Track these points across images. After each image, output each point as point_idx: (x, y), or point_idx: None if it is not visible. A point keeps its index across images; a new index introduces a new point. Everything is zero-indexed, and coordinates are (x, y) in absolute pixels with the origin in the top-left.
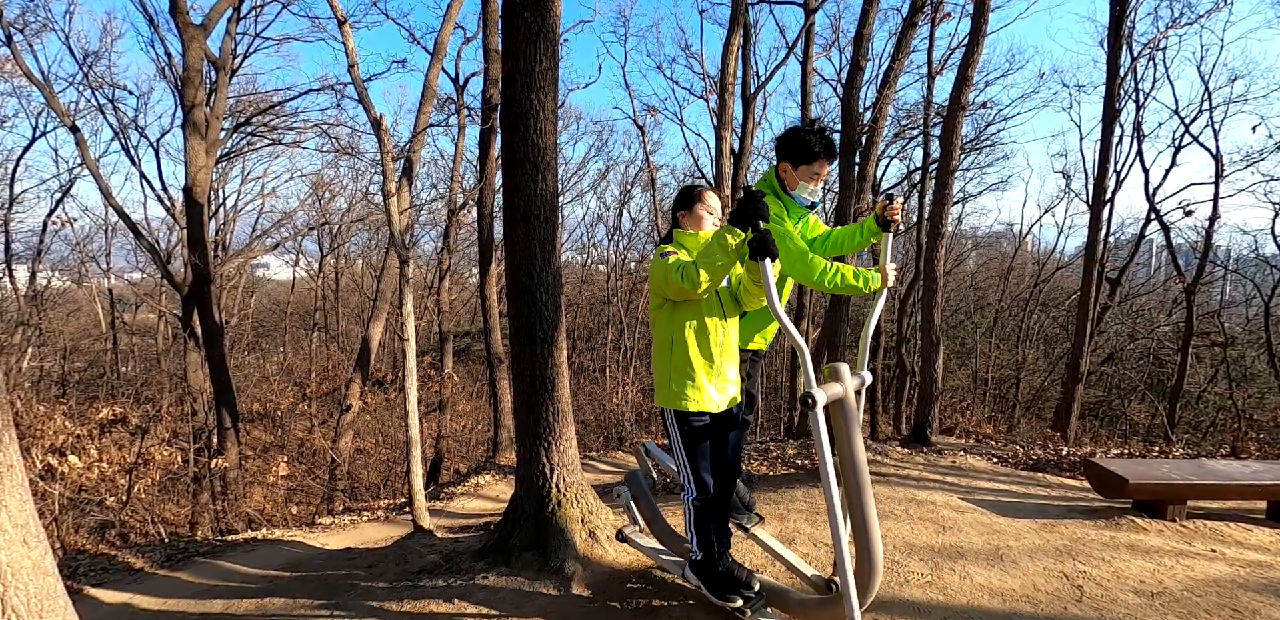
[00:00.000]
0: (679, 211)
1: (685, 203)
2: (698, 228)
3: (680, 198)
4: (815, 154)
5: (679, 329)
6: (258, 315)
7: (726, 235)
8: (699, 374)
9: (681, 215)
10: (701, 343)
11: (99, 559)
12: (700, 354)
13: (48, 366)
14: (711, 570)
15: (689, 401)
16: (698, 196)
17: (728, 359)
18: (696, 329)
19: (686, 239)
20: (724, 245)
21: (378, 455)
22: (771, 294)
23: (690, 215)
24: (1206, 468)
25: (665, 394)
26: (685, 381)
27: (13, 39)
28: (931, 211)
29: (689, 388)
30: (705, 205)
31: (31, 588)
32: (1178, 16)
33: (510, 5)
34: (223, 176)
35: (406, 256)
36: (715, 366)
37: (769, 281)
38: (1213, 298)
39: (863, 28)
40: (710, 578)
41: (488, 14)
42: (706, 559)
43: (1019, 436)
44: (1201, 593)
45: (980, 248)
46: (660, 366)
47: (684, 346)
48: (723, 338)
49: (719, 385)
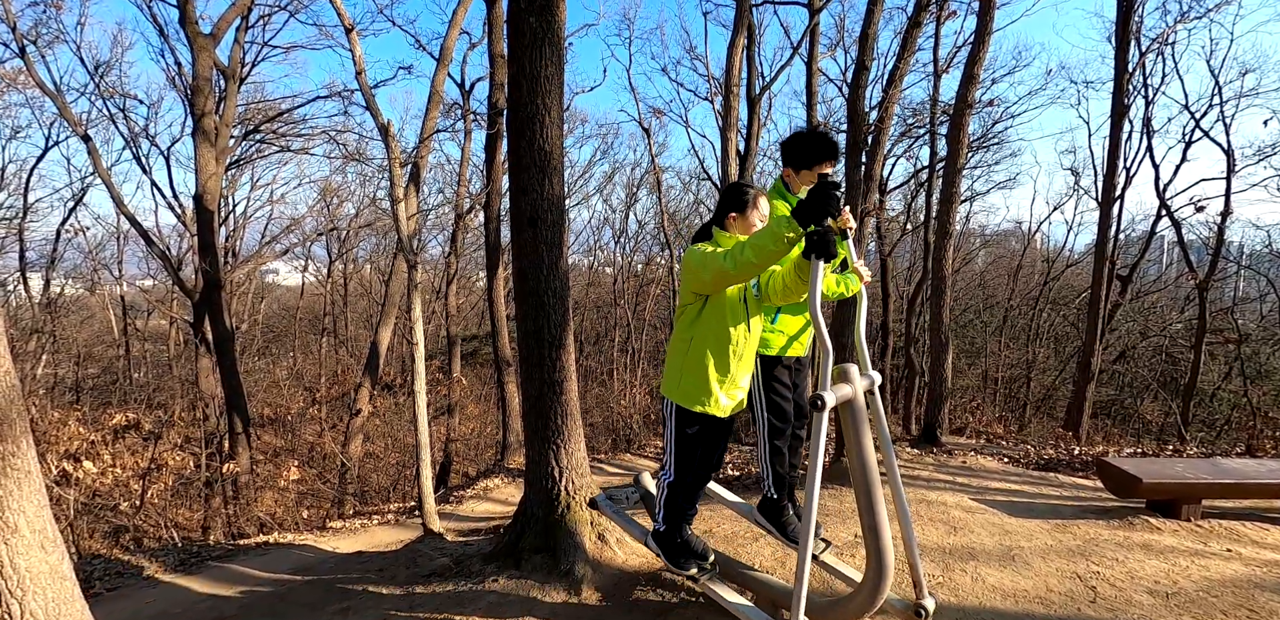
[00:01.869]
0: (729, 211)
1: (738, 205)
2: (746, 233)
3: (731, 197)
4: (816, 157)
5: (700, 333)
6: (268, 321)
7: (785, 227)
8: (711, 380)
9: (732, 217)
10: (719, 350)
11: (114, 563)
12: (716, 361)
13: (62, 373)
14: (670, 541)
15: (696, 404)
16: (753, 200)
17: (743, 368)
18: (718, 335)
19: (726, 241)
20: (778, 235)
21: (387, 459)
22: (815, 293)
23: (743, 219)
24: (1221, 466)
25: (674, 389)
26: (696, 383)
27: (26, 50)
28: (939, 210)
29: (698, 391)
30: (758, 211)
31: (49, 592)
32: (1186, 10)
33: (515, 10)
34: (232, 184)
35: (414, 261)
36: (730, 375)
37: (816, 282)
38: (1226, 294)
39: (868, 27)
40: (669, 547)
41: (493, 19)
42: (669, 532)
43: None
44: (1217, 593)
45: (989, 246)
46: (674, 361)
47: (702, 351)
48: (743, 347)
49: (729, 392)
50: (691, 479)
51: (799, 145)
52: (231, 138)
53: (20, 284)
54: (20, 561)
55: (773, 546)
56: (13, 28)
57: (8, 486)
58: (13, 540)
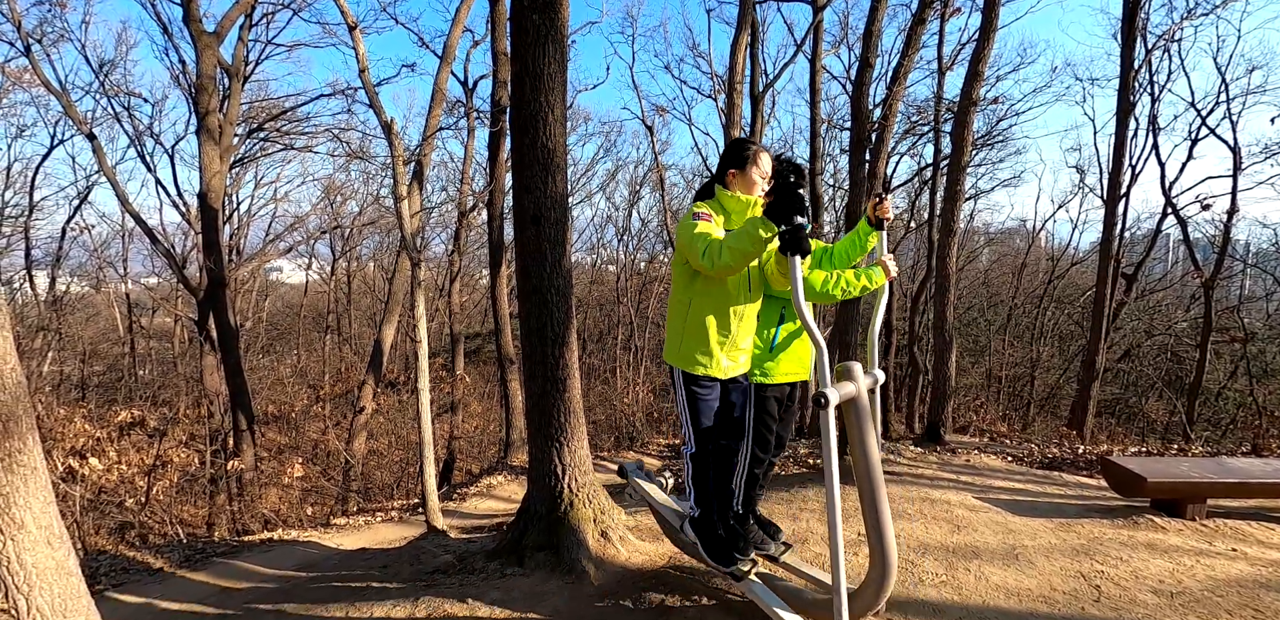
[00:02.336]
0: (729, 168)
1: (738, 161)
2: (747, 191)
3: (732, 153)
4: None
5: (698, 293)
6: (272, 318)
7: (760, 227)
8: (712, 342)
9: (732, 174)
10: (720, 311)
11: (119, 559)
12: (716, 321)
13: (68, 370)
14: (711, 530)
15: (698, 366)
16: (753, 157)
17: (744, 330)
18: (717, 301)
19: (729, 201)
20: (755, 237)
21: (391, 456)
22: (798, 290)
23: (742, 176)
24: (1227, 466)
25: (675, 354)
26: (697, 346)
27: (31, 49)
28: (943, 208)
29: (699, 353)
30: (759, 168)
31: (56, 588)
32: (1193, 7)
33: (518, 8)
34: (236, 182)
35: (418, 259)
36: (730, 336)
37: (797, 277)
38: (1232, 292)
39: (872, 24)
40: (709, 538)
41: (496, 17)
42: (705, 516)
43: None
44: (1222, 593)
45: (993, 244)
46: (674, 325)
47: (700, 312)
48: (744, 308)
49: (730, 354)
50: (718, 448)
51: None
52: (235, 136)
53: (26, 282)
54: (27, 557)
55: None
56: (18, 26)
57: (14, 483)
58: (19, 536)
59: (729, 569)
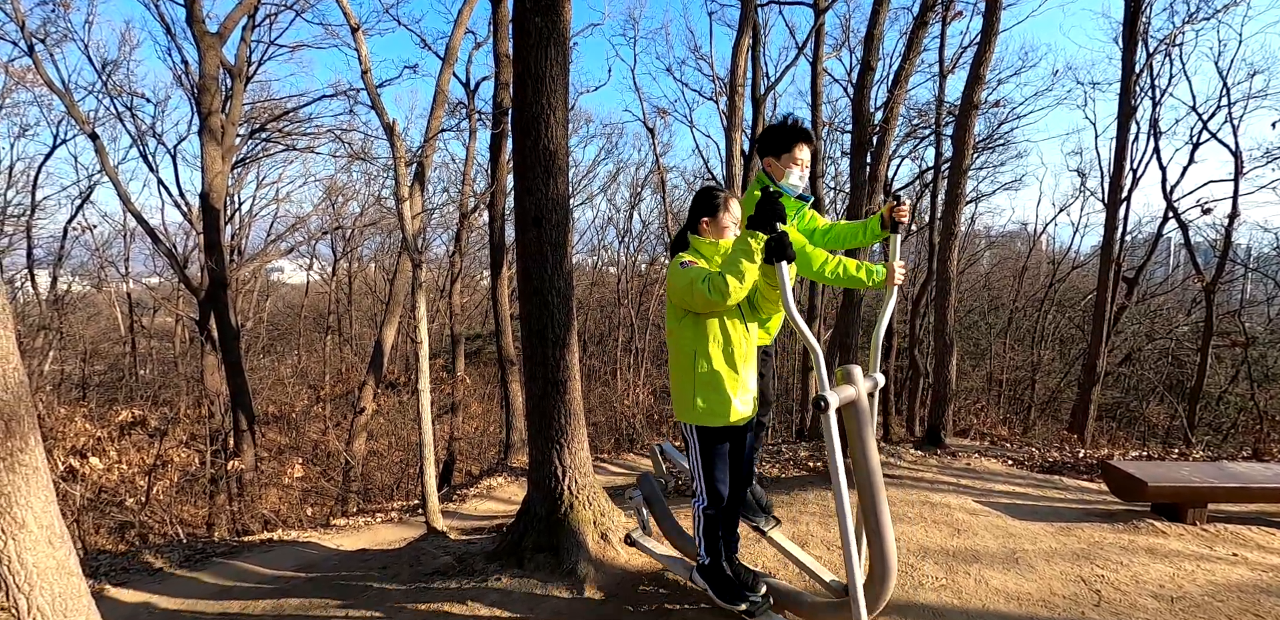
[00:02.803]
0: (701, 217)
1: (709, 209)
2: (719, 237)
3: (702, 202)
4: (787, 139)
5: (703, 343)
6: (273, 319)
7: (749, 240)
8: (726, 388)
9: (705, 222)
10: (727, 356)
11: (119, 559)
12: (727, 367)
13: (69, 370)
14: (719, 574)
15: (717, 417)
16: (723, 204)
17: (749, 369)
18: (722, 342)
19: (705, 248)
20: (748, 250)
21: (391, 457)
22: (788, 296)
23: (714, 224)
24: (1227, 470)
25: (690, 410)
26: (714, 397)
27: (34, 49)
28: (944, 211)
29: (717, 404)
30: (730, 214)
31: (56, 587)
32: (1194, 11)
33: (521, 10)
34: (238, 182)
35: (419, 260)
36: (740, 379)
37: (785, 284)
38: (1233, 297)
39: (873, 27)
40: (717, 581)
41: (498, 19)
42: (714, 564)
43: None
44: (1223, 597)
45: (994, 247)
46: (683, 382)
47: (709, 361)
48: (746, 348)
49: (743, 398)
50: (728, 501)
51: (771, 134)
52: (237, 136)
53: (28, 281)
54: (28, 557)
55: (774, 548)
56: (21, 26)
57: (15, 483)
58: (20, 535)
59: (743, 607)
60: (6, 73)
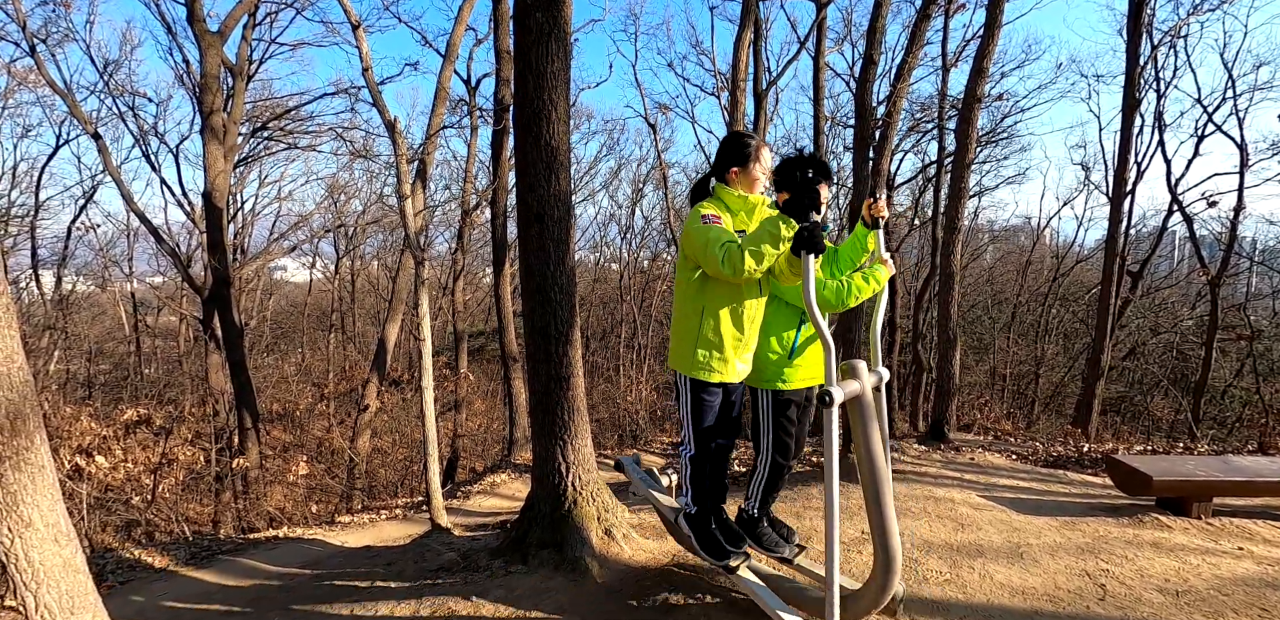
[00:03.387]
0: (731, 166)
1: (739, 157)
2: (750, 189)
3: (731, 150)
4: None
5: (711, 301)
6: (276, 317)
7: (781, 225)
8: (728, 348)
9: (734, 172)
10: (734, 317)
11: (126, 557)
12: (733, 327)
13: (74, 369)
14: (705, 526)
15: (713, 374)
16: (754, 153)
17: (755, 331)
18: (730, 302)
19: (733, 200)
20: (775, 236)
21: (395, 454)
22: (810, 290)
23: (745, 174)
24: (1232, 464)
25: (687, 362)
26: (712, 353)
27: (36, 49)
28: (947, 206)
29: (715, 360)
30: (762, 164)
31: (63, 585)
32: (1199, 3)
33: (521, 6)
34: (240, 181)
35: (421, 257)
36: (744, 340)
37: (809, 276)
38: (1238, 290)
39: (876, 21)
40: (703, 533)
41: (499, 15)
42: (700, 513)
43: (1039, 433)
44: (1228, 591)
45: (997, 242)
46: (684, 335)
47: (715, 319)
48: (755, 311)
49: (743, 357)
50: (715, 448)
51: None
52: (240, 135)
53: (33, 281)
54: (35, 555)
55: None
56: (23, 26)
57: (22, 481)
58: (27, 534)
59: (722, 563)
60: (9, 73)
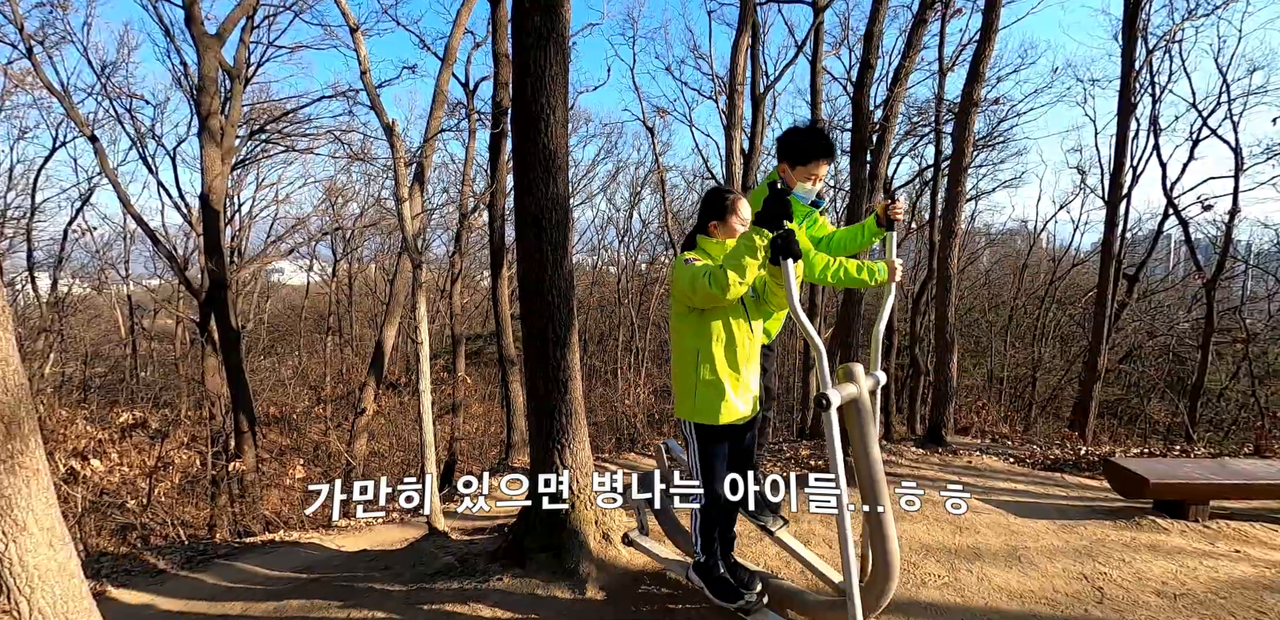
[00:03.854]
0: (709, 220)
1: (717, 212)
2: (729, 238)
3: (711, 204)
4: (811, 155)
5: (706, 342)
6: (273, 320)
7: (754, 236)
8: (727, 388)
9: (713, 225)
10: (729, 355)
11: (121, 561)
12: (729, 367)
13: (69, 372)
14: (714, 572)
15: (718, 415)
16: (731, 206)
17: (752, 368)
18: (725, 341)
19: (712, 247)
20: (751, 247)
21: (392, 458)
22: (793, 294)
23: (723, 226)
24: (1229, 467)
25: (690, 408)
26: (713, 396)
27: (33, 51)
28: (944, 209)
29: (717, 402)
30: (739, 216)
31: (57, 589)
32: (1194, 8)
33: (520, 10)
34: (238, 183)
35: (419, 260)
36: (742, 379)
37: (790, 282)
38: (1234, 293)
39: (873, 25)
40: (712, 580)
41: (497, 19)
42: (709, 562)
43: (1036, 436)
44: (1226, 594)
45: (994, 245)
46: (684, 380)
47: (711, 361)
48: (749, 348)
49: (744, 397)
50: (725, 500)
51: (795, 143)
52: (237, 138)
53: (28, 283)
54: (29, 559)
55: (777, 547)
56: (20, 28)
57: (16, 485)
58: (21, 538)
59: (738, 605)
60: (6, 75)
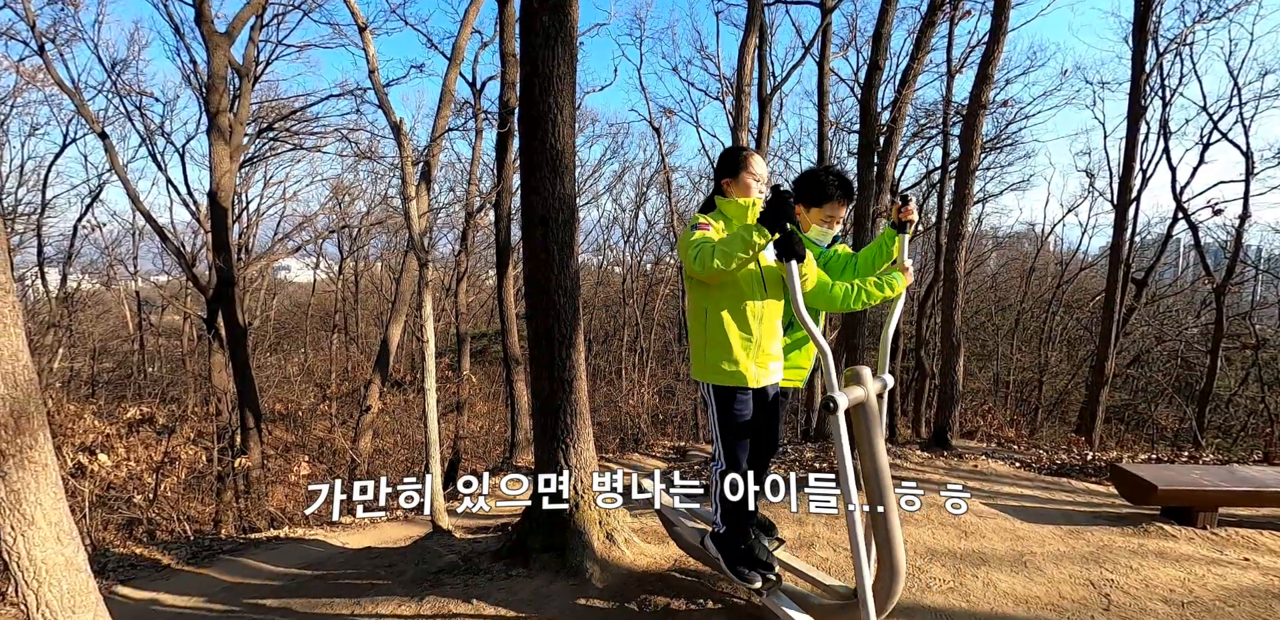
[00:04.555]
0: (723, 178)
1: (730, 169)
2: (744, 194)
3: (725, 162)
4: (828, 196)
5: (714, 301)
6: (279, 317)
7: (753, 233)
8: (736, 348)
9: (726, 182)
10: (738, 316)
11: (127, 556)
12: (737, 327)
13: (78, 367)
14: (734, 545)
15: (725, 376)
16: (744, 162)
17: (768, 333)
18: (732, 301)
19: (729, 207)
20: (747, 242)
21: (397, 455)
22: (797, 296)
23: (736, 183)
24: (1238, 473)
25: (700, 367)
26: (721, 355)
27: (45, 49)
28: (951, 211)
29: (725, 362)
30: (751, 172)
31: (64, 584)
32: (1205, 11)
33: (528, 10)
34: (246, 181)
35: (425, 259)
36: (754, 340)
37: (795, 284)
38: (1243, 299)
39: (881, 27)
40: (731, 552)
41: (505, 18)
42: (729, 533)
43: (1042, 441)
44: (1234, 602)
45: (1001, 248)
46: (695, 338)
47: (719, 320)
48: (761, 310)
49: (759, 360)
50: (747, 465)
51: (813, 184)
52: (245, 135)
53: (38, 279)
54: (37, 553)
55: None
56: (32, 26)
57: (25, 479)
58: (30, 532)
59: (756, 585)
60: (17, 72)
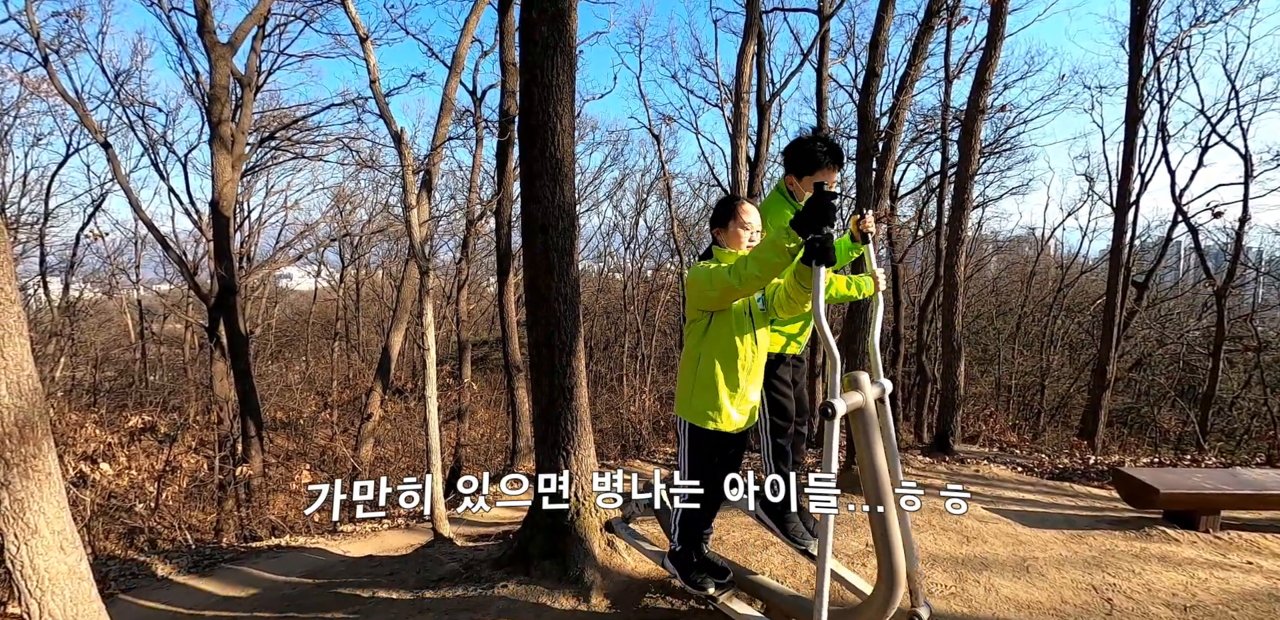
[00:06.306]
0: (715, 228)
1: (721, 219)
2: (736, 247)
3: (717, 213)
4: (818, 164)
5: (708, 349)
6: (281, 325)
7: (784, 237)
8: (722, 396)
9: (717, 231)
10: (728, 366)
11: (128, 564)
12: (725, 376)
13: (80, 376)
14: (687, 561)
15: (709, 422)
16: (734, 212)
17: (753, 382)
18: (725, 351)
19: (726, 257)
20: (779, 247)
21: (398, 463)
22: (819, 302)
23: (725, 233)
24: (1241, 477)
25: (685, 407)
26: (708, 400)
27: (49, 60)
28: (951, 216)
29: (710, 408)
30: (740, 221)
31: (67, 592)
32: (1201, 15)
33: (527, 20)
34: (247, 190)
35: (426, 267)
36: (740, 390)
37: (819, 289)
38: (1245, 301)
39: (878, 33)
40: (685, 567)
41: (505, 28)
42: (684, 551)
43: (1044, 445)
44: (1237, 606)
45: (1001, 252)
46: (685, 380)
47: (711, 368)
48: (751, 361)
49: (740, 407)
50: (707, 498)
51: (802, 153)
52: (247, 145)
53: (40, 288)
54: (40, 562)
55: (783, 555)
56: (36, 37)
57: (29, 488)
58: (33, 541)
59: (710, 592)
60: (21, 83)
